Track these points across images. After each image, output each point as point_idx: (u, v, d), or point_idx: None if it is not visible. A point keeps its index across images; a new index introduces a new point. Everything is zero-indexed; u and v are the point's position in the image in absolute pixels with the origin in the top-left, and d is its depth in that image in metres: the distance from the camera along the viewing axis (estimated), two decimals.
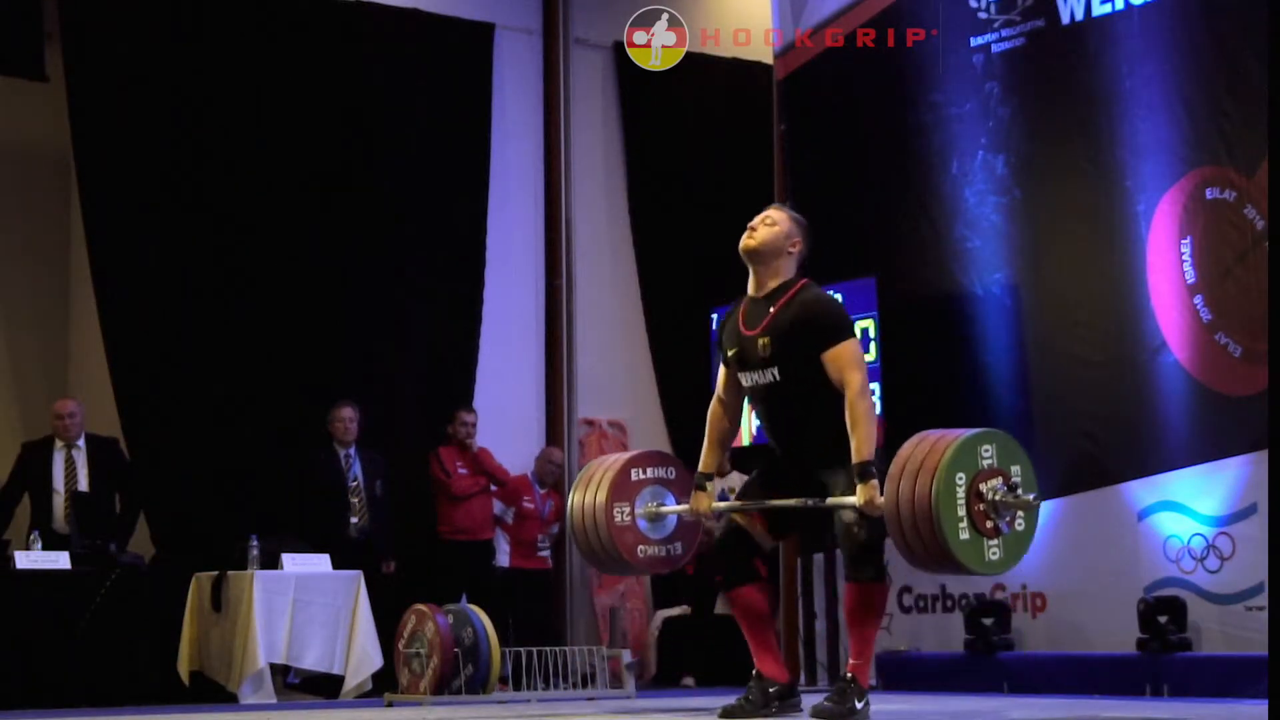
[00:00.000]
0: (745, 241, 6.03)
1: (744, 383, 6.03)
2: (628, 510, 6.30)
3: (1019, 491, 5.54)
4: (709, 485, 6.21)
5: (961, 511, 5.45)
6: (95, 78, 9.96)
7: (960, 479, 5.47)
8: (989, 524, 5.50)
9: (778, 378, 5.89)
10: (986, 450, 5.55)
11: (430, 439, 10.45)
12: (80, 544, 9.04)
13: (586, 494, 6.34)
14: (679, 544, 6.42)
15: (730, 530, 6.06)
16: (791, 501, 5.93)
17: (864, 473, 5.65)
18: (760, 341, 5.91)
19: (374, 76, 10.66)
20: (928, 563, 5.59)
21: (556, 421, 11.24)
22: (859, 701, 5.71)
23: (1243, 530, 8.03)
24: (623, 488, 6.31)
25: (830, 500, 5.80)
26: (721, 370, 6.23)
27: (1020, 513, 5.57)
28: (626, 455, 6.50)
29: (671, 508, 6.33)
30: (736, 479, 10.59)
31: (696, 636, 10.61)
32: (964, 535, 5.46)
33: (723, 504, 6.33)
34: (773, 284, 5.99)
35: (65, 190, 10.46)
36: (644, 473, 6.39)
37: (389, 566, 9.93)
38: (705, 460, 6.24)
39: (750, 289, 6.07)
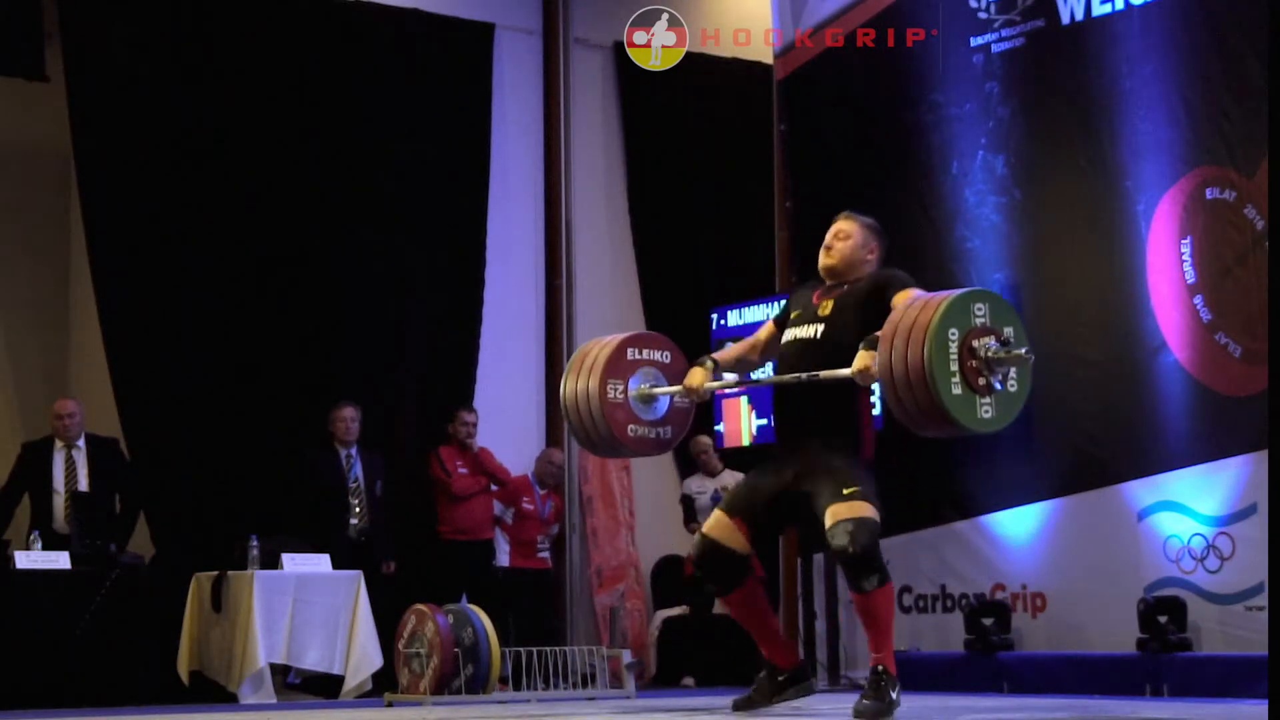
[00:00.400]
0: (824, 260, 6.10)
1: (785, 337, 6.08)
2: (621, 388, 6.31)
3: (1012, 347, 5.55)
4: (709, 364, 6.24)
5: (954, 367, 5.47)
6: (95, 78, 9.96)
7: (953, 334, 5.49)
8: (981, 380, 5.52)
9: (818, 335, 5.95)
10: (979, 308, 5.58)
11: (430, 439, 10.45)
12: (80, 544, 9.04)
13: (581, 371, 6.35)
14: (669, 428, 6.43)
15: (707, 547, 6.05)
16: (787, 378, 5.93)
17: (870, 342, 5.67)
18: (825, 302, 5.99)
19: (374, 76, 10.66)
20: (921, 421, 5.57)
21: (556, 421, 11.23)
22: (894, 691, 5.75)
23: (1243, 530, 8.03)
24: (617, 365, 6.32)
25: (824, 374, 5.81)
26: (763, 330, 6.27)
27: (1013, 370, 5.59)
28: (623, 335, 6.49)
29: (664, 388, 6.33)
30: (730, 477, 10.63)
31: (696, 636, 10.61)
32: (956, 390, 5.48)
33: (714, 383, 6.30)
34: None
35: (65, 190, 10.46)
36: (640, 353, 6.40)
37: (389, 567, 9.93)
38: (719, 352, 6.34)
39: None
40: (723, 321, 9.90)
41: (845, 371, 5.74)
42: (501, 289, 11.12)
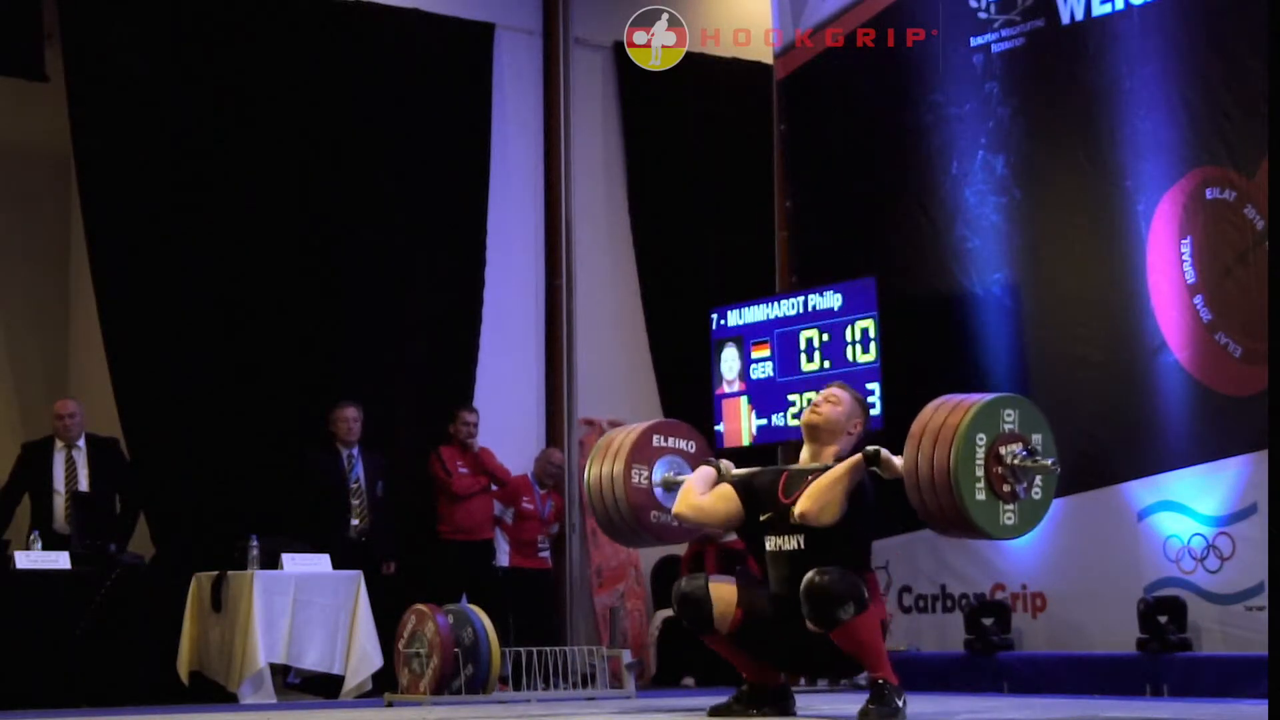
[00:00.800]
0: (809, 417, 6.00)
1: (768, 546, 5.99)
2: (645, 474, 6.34)
3: (1039, 456, 5.55)
4: (721, 468, 6.23)
5: (980, 473, 5.47)
6: (95, 78, 9.96)
7: (981, 439, 5.50)
8: (1006, 488, 5.53)
9: (802, 546, 5.87)
10: (1009, 415, 5.59)
11: (430, 439, 10.45)
12: (80, 544, 9.04)
13: (606, 457, 6.39)
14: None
15: (698, 594, 5.96)
16: (814, 466, 5.87)
17: (870, 455, 5.68)
18: (796, 511, 5.82)
19: (374, 76, 10.66)
20: (942, 523, 5.58)
21: (556, 421, 11.24)
22: (899, 699, 5.72)
23: (1243, 530, 8.03)
24: (643, 451, 6.37)
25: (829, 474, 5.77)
26: (721, 490, 6.12)
27: (1039, 479, 5.60)
28: (649, 423, 6.54)
29: (686, 475, 6.34)
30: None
31: (696, 637, 10.58)
32: (980, 496, 5.48)
33: (740, 470, 6.26)
34: (827, 461, 5.94)
35: (65, 190, 10.46)
36: (665, 440, 6.44)
37: (389, 567, 9.93)
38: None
39: (803, 459, 6.04)
40: (723, 321, 9.89)
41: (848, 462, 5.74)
42: (501, 289, 11.12)
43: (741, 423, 9.85)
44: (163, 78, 10.03)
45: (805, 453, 6.04)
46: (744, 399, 9.83)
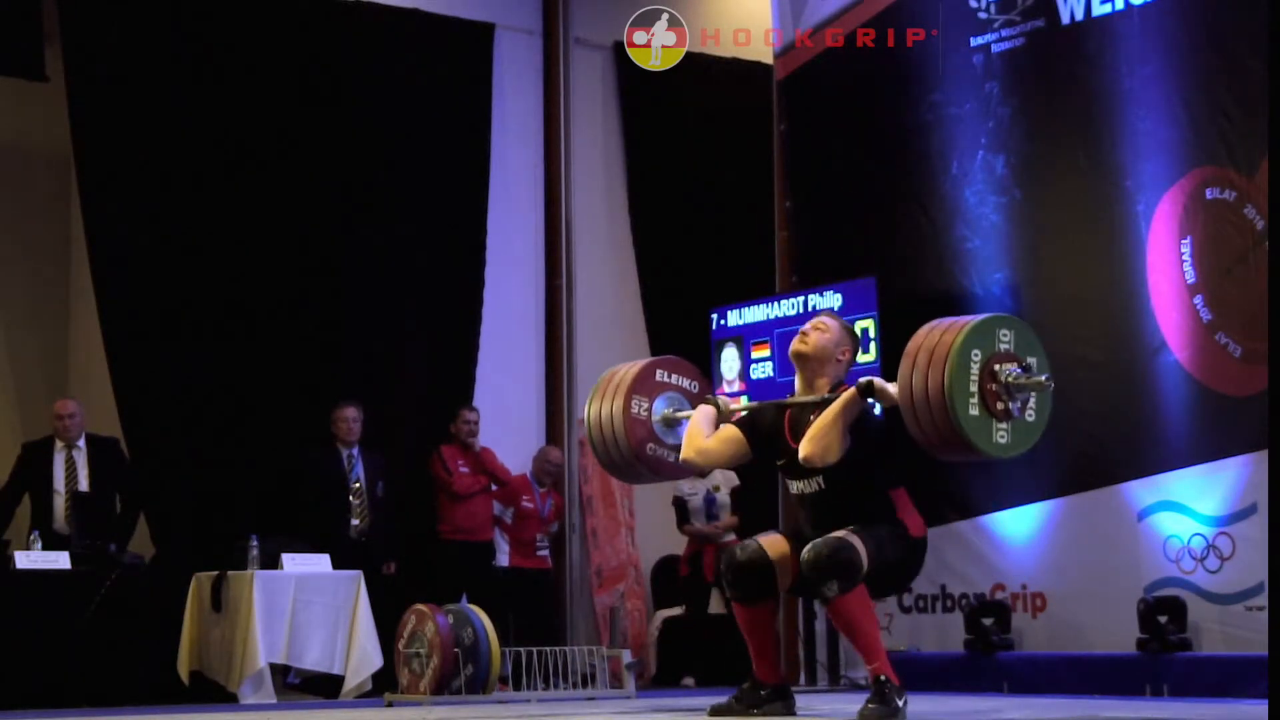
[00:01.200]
0: (796, 346, 6.02)
1: (791, 490, 6.04)
2: (646, 405, 6.35)
3: (1033, 373, 5.55)
4: (720, 403, 6.24)
5: (974, 388, 5.47)
6: (95, 78, 9.96)
7: (975, 356, 5.49)
8: (1000, 405, 5.52)
9: (822, 486, 5.89)
10: (1004, 334, 5.58)
11: (430, 439, 10.45)
12: (80, 544, 9.04)
13: (607, 390, 6.40)
14: None
15: (758, 558, 5.98)
16: (812, 399, 5.88)
17: (864, 386, 5.71)
18: (800, 456, 5.83)
19: (374, 76, 10.66)
20: (935, 440, 5.54)
21: (556, 421, 11.24)
22: (899, 699, 5.72)
23: (1243, 530, 8.02)
24: (645, 382, 6.38)
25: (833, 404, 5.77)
26: (726, 432, 6.14)
27: (1033, 400, 5.59)
28: (655, 358, 6.56)
29: (688, 412, 6.35)
30: (720, 475, 10.63)
31: (696, 636, 10.61)
32: (974, 412, 5.47)
33: (739, 407, 6.28)
34: (820, 391, 5.95)
35: (65, 190, 10.46)
36: (669, 376, 6.44)
37: (389, 568, 9.92)
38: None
39: (797, 390, 6.05)
40: (723, 321, 9.89)
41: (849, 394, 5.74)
42: (501, 289, 11.12)
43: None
44: (163, 78, 10.03)
45: (798, 383, 6.05)
46: (744, 399, 9.83)
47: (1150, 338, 8.41)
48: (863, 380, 5.75)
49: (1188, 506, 8.25)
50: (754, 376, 9.68)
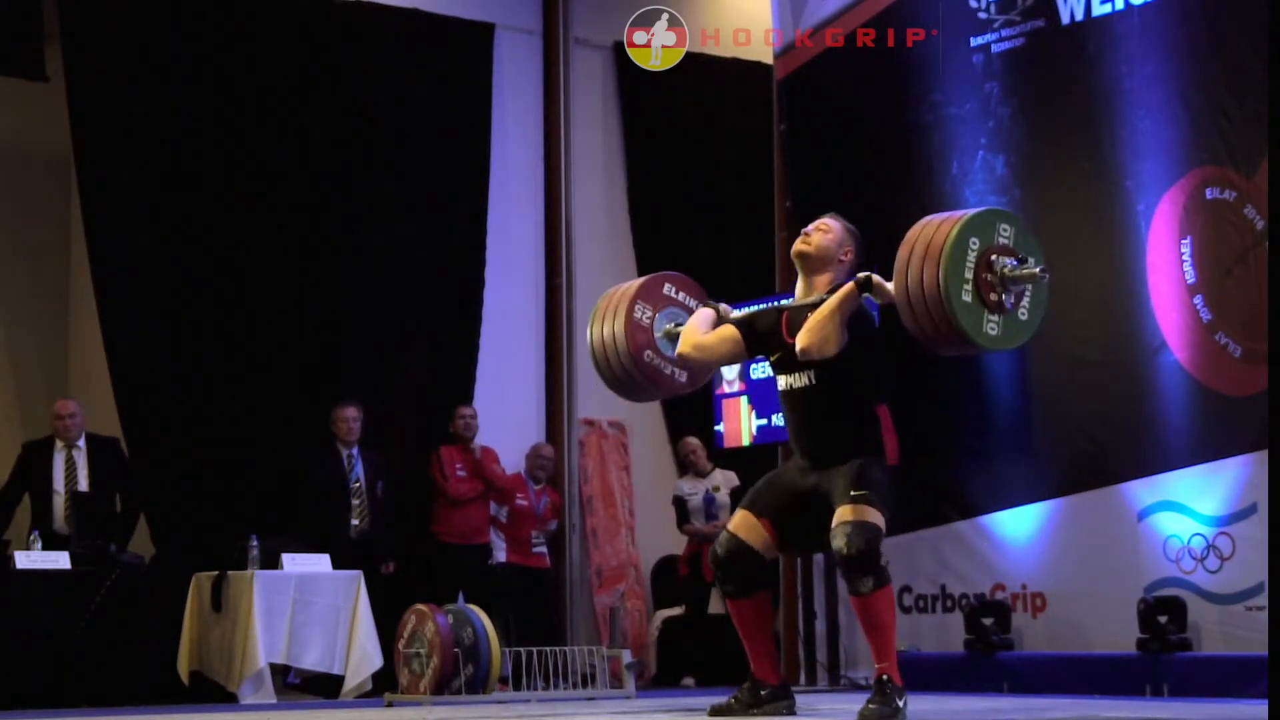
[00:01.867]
0: (799, 246, 6.05)
1: (780, 386, 6.02)
2: (649, 312, 6.33)
3: (1029, 265, 5.55)
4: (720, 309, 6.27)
5: (969, 275, 5.48)
6: (95, 78, 9.96)
7: (974, 243, 5.51)
8: (993, 297, 5.52)
9: (813, 380, 5.89)
10: (1005, 229, 5.59)
11: (430, 439, 10.45)
12: (80, 544, 9.04)
13: (613, 299, 6.39)
14: (685, 375, 6.40)
15: (735, 547, 6.00)
16: (810, 300, 5.90)
17: (862, 280, 5.77)
18: (797, 347, 5.86)
19: (374, 76, 10.66)
20: (931, 330, 5.55)
21: (556, 421, 11.24)
22: (900, 700, 5.71)
23: (1243, 530, 8.02)
24: (652, 291, 6.38)
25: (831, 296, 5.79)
26: (724, 330, 6.17)
27: (1027, 297, 5.59)
28: (660, 273, 6.54)
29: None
30: (720, 476, 10.64)
31: (696, 636, 10.61)
32: (966, 297, 5.48)
33: (738, 313, 6.28)
34: (821, 292, 5.97)
35: (65, 190, 10.46)
36: (676, 293, 6.45)
37: (389, 567, 9.91)
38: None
39: (798, 293, 6.06)
40: None
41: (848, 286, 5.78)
42: (501, 289, 11.12)
43: (741, 423, 9.85)
44: (163, 78, 10.03)
45: (800, 286, 6.06)
46: (744, 399, 9.83)
47: (1150, 338, 8.41)
48: (861, 276, 5.78)
49: (1188, 506, 8.25)
50: (754, 376, 9.68)
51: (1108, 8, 8.64)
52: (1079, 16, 8.77)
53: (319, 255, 10.38)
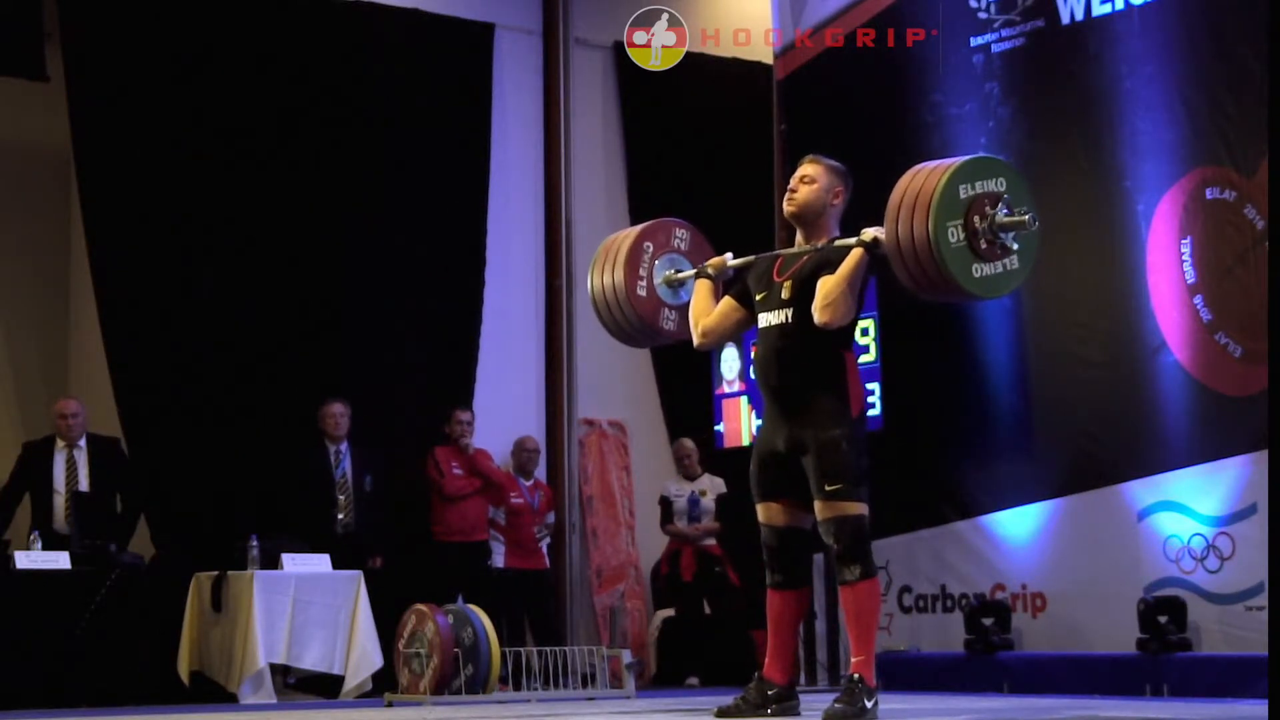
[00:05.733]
0: (786, 207, 6.12)
1: (760, 324, 6.07)
2: (651, 250, 6.41)
3: (1019, 212, 5.57)
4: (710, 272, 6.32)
5: (958, 221, 5.52)
6: (95, 78, 9.96)
7: (966, 189, 5.53)
8: (982, 243, 5.55)
9: (789, 319, 5.94)
10: (1000, 181, 5.61)
11: (430, 439, 10.44)
12: (80, 544, 9.04)
13: (616, 237, 6.49)
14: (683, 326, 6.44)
15: (779, 533, 6.02)
16: (806, 248, 5.97)
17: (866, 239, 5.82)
18: (785, 284, 5.97)
19: (374, 76, 10.66)
20: (914, 267, 5.60)
21: (556, 421, 11.23)
22: (868, 700, 5.71)
23: (1243, 530, 8.03)
24: (657, 234, 6.46)
25: (839, 242, 5.88)
26: (723, 304, 6.23)
27: (1016, 248, 5.60)
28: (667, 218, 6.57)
29: (689, 272, 6.41)
30: (708, 481, 10.63)
31: (696, 636, 10.61)
32: (954, 240, 5.52)
33: (737, 260, 6.33)
34: (821, 240, 6.05)
35: (65, 190, 10.46)
36: (675, 238, 6.51)
37: (375, 562, 9.87)
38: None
39: (797, 244, 6.14)
40: None
41: (854, 240, 5.85)
42: (501, 289, 11.12)
43: (741, 423, 9.85)
44: (163, 77, 10.03)
45: (799, 237, 6.13)
46: (744, 399, 9.83)
47: (1150, 338, 8.42)
48: (867, 235, 5.82)
49: (1188, 506, 8.26)
50: (753, 377, 9.67)
51: (1108, 8, 8.64)
52: (1079, 16, 8.77)
53: (319, 255, 10.37)
